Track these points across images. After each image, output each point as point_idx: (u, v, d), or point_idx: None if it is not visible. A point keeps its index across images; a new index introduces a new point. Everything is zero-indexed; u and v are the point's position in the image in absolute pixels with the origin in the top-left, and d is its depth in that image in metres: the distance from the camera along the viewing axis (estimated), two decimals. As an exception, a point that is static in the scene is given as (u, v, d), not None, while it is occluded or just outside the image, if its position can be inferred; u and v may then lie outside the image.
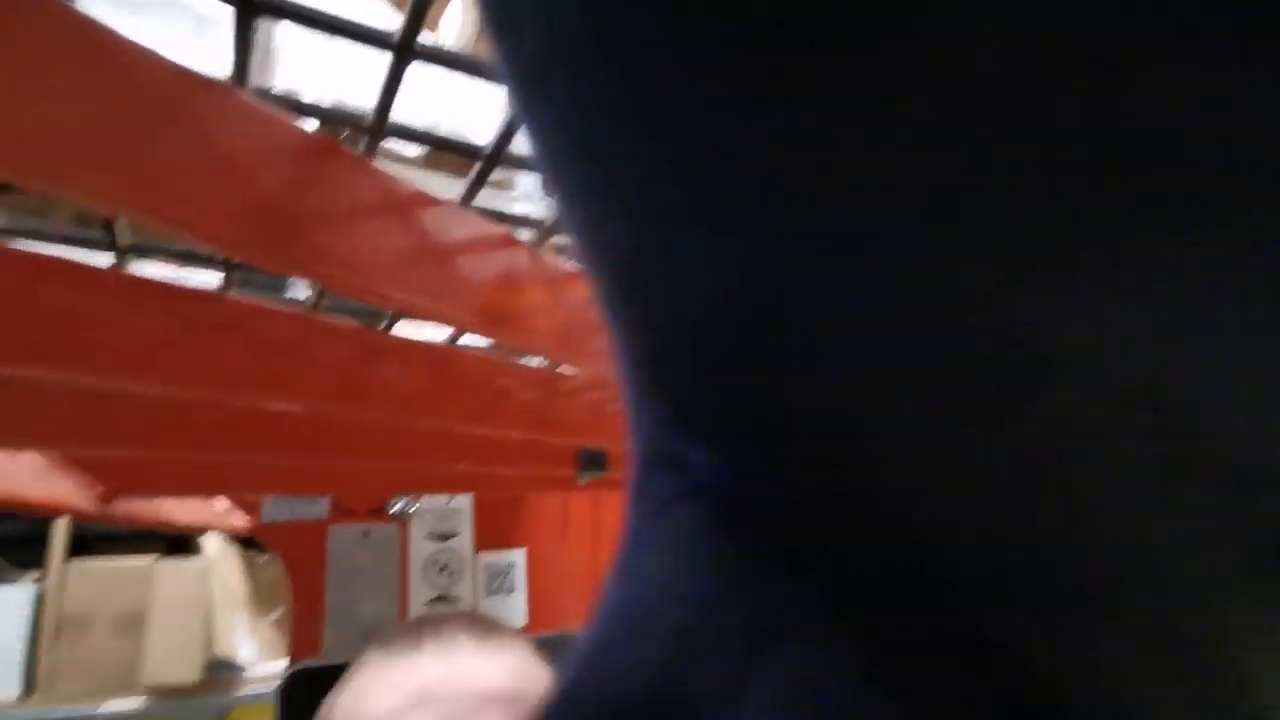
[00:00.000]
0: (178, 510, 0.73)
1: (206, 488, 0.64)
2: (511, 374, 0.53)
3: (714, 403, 0.11)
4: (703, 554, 0.11)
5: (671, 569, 0.11)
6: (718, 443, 0.11)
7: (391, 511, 0.81)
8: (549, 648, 0.79)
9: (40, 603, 1.29)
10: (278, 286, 0.49)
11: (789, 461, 0.10)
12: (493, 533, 0.85)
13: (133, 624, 1.31)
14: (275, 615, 1.47)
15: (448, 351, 0.50)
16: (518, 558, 0.86)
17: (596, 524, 0.89)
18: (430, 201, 0.35)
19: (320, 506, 0.79)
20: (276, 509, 0.77)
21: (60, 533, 1.32)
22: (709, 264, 0.09)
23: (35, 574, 1.41)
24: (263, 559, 1.46)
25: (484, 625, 0.47)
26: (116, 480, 0.58)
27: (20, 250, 0.35)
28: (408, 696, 0.40)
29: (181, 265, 0.45)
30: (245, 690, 1.35)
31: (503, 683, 0.41)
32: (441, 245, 0.36)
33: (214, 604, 1.38)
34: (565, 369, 0.55)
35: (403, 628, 0.47)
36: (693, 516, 0.11)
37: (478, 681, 0.41)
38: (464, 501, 0.84)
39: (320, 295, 0.44)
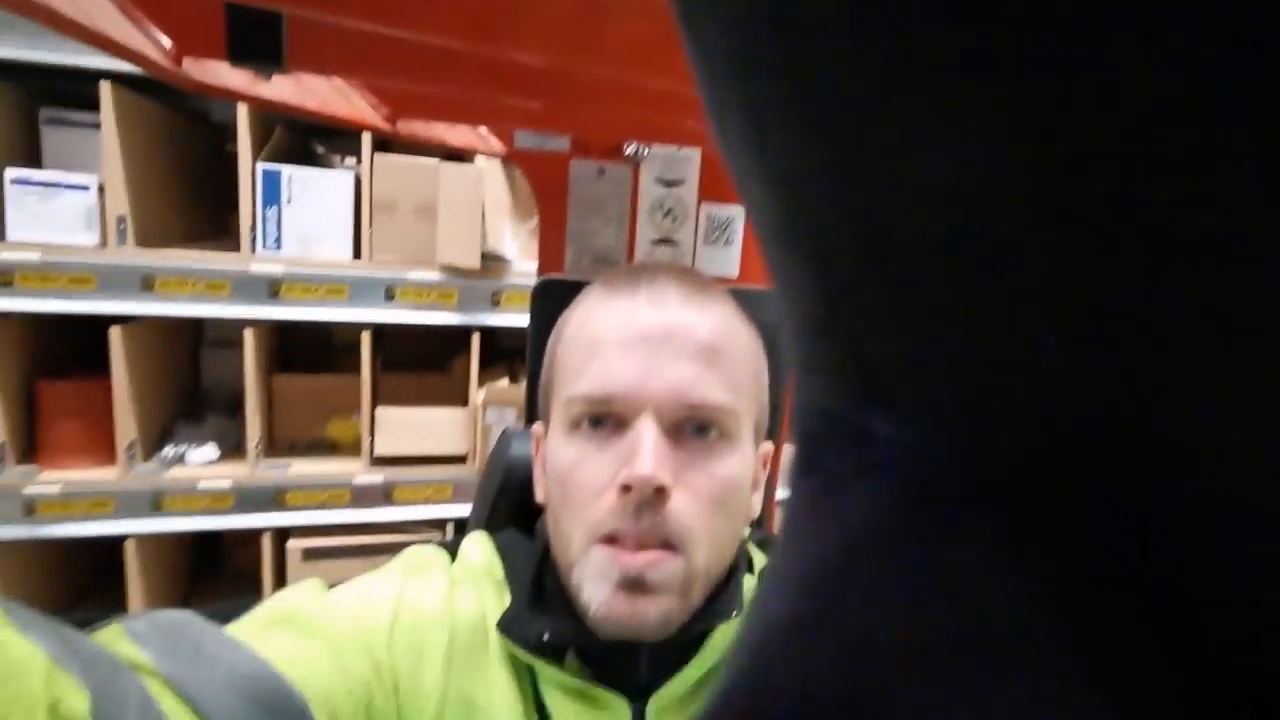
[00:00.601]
0: (448, 133, 0.83)
1: (468, 118, 0.72)
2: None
3: (921, 362, 0.09)
4: (891, 542, 0.09)
5: (853, 556, 0.10)
6: (919, 412, 0.09)
7: (626, 153, 0.86)
8: (755, 300, 0.86)
9: (358, 186, 1.59)
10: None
11: (1016, 433, 0.08)
12: (717, 186, 0.88)
13: (427, 212, 1.59)
14: (531, 224, 1.70)
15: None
16: (737, 212, 0.89)
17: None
18: None
19: (563, 140, 0.85)
20: (526, 138, 0.85)
21: (367, 133, 1.54)
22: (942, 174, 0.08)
23: (353, 160, 1.72)
24: (520, 174, 1.64)
25: (692, 281, 0.51)
26: (398, 104, 0.67)
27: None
28: (622, 334, 0.46)
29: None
30: (512, 279, 1.64)
31: (703, 334, 0.47)
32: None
33: (485, 206, 1.61)
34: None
35: (623, 271, 0.53)
36: (879, 496, 0.10)
37: (681, 330, 0.46)
38: (692, 152, 0.86)
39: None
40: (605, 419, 0.46)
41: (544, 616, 0.47)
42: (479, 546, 0.54)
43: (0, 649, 0.27)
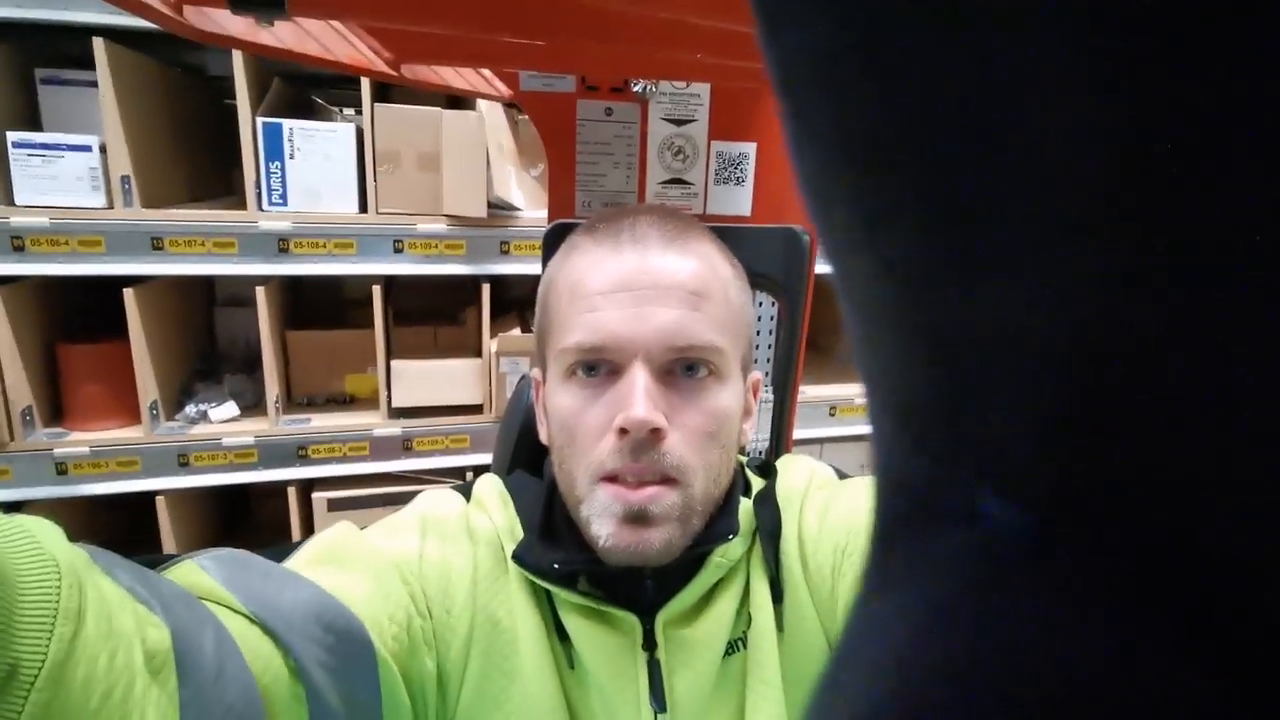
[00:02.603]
0: (453, 77, 0.82)
1: (472, 60, 0.71)
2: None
3: (1053, 451, 0.09)
4: (1011, 618, 0.09)
5: (962, 638, 0.09)
6: (1040, 494, 0.09)
7: (634, 90, 0.84)
8: (773, 237, 0.85)
9: (360, 138, 1.57)
10: None
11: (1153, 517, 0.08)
12: (728, 123, 0.86)
13: (431, 161, 1.57)
14: (536, 171, 1.68)
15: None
16: (750, 150, 0.88)
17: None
18: None
19: (568, 80, 0.84)
20: (532, 79, 0.84)
21: (366, 83, 1.52)
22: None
23: (352, 110, 1.69)
24: (524, 118, 1.61)
25: (674, 223, 0.52)
26: (401, 48, 0.66)
27: None
28: (608, 283, 0.48)
29: None
30: (519, 227, 1.63)
31: (686, 277, 0.48)
32: None
33: (490, 153, 1.59)
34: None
35: (605, 217, 0.54)
36: (988, 576, 0.09)
37: (665, 275, 0.48)
38: (702, 88, 0.84)
39: None
40: (598, 366, 0.48)
41: (555, 547, 0.50)
42: (490, 487, 0.57)
43: (97, 592, 0.28)
